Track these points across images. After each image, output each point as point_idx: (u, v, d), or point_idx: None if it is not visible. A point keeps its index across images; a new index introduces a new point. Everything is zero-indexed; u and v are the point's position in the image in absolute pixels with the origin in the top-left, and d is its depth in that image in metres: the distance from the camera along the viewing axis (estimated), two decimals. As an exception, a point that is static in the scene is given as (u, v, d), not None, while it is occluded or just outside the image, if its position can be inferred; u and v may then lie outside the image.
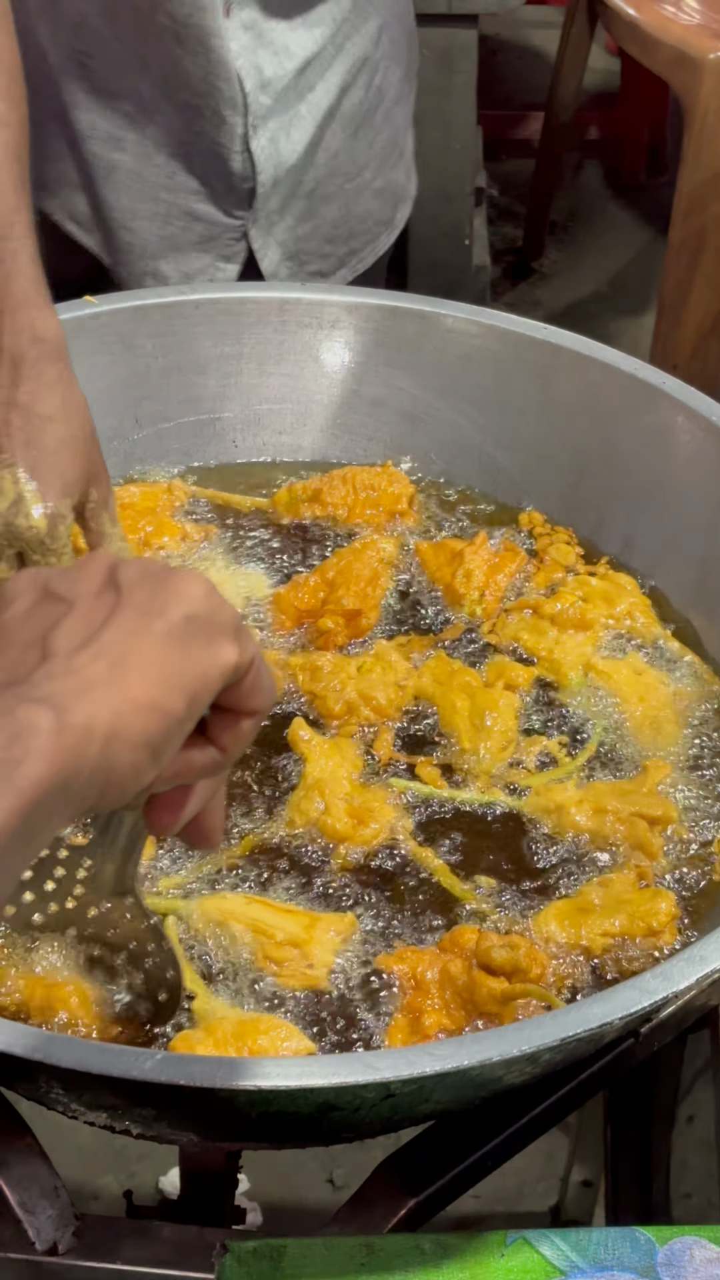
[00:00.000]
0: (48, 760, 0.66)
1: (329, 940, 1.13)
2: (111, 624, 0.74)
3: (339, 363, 1.45)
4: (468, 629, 1.36)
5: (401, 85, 1.98)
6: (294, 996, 1.11)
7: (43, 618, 0.75)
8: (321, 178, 1.89)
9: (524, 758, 1.26)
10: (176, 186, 1.84)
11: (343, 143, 1.89)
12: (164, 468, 1.46)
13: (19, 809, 0.64)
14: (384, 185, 1.98)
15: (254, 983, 1.12)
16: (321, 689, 1.29)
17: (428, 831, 1.22)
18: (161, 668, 0.74)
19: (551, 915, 1.15)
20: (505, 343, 1.41)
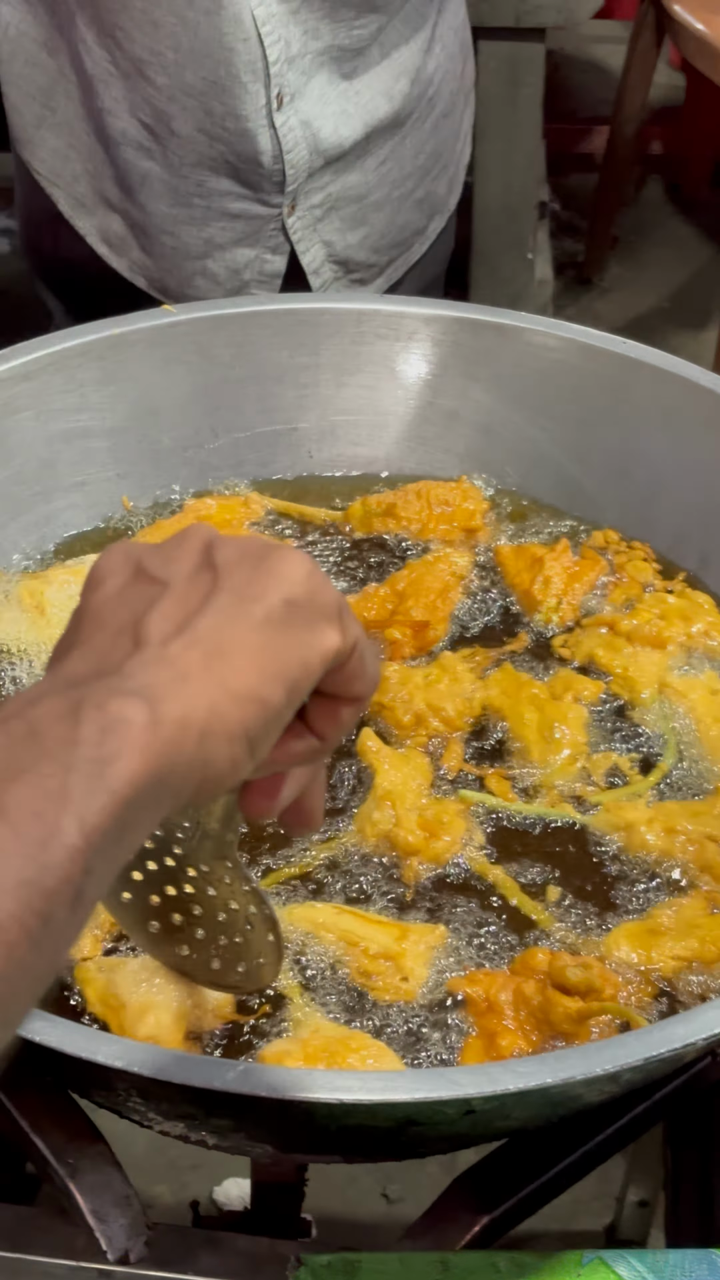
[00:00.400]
0: (142, 756, 0.65)
1: (421, 953, 1.13)
2: (207, 609, 0.73)
3: (415, 374, 1.45)
4: (534, 641, 1.35)
5: (453, 99, 1.99)
6: (377, 1009, 1.11)
7: (136, 600, 0.74)
8: (373, 184, 1.89)
9: (594, 773, 1.26)
10: (208, 192, 1.84)
11: (392, 150, 1.89)
12: (239, 478, 1.46)
13: (113, 807, 0.63)
14: (425, 195, 1.98)
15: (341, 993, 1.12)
16: (389, 700, 1.29)
17: (496, 845, 1.22)
18: (260, 656, 0.72)
19: (622, 936, 1.14)
20: (583, 356, 1.41)
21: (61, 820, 0.61)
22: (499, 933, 1.16)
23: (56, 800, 0.61)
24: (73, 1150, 1.03)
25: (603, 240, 3.32)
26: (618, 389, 1.41)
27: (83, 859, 0.61)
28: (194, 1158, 1.93)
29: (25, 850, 0.60)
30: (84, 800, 0.62)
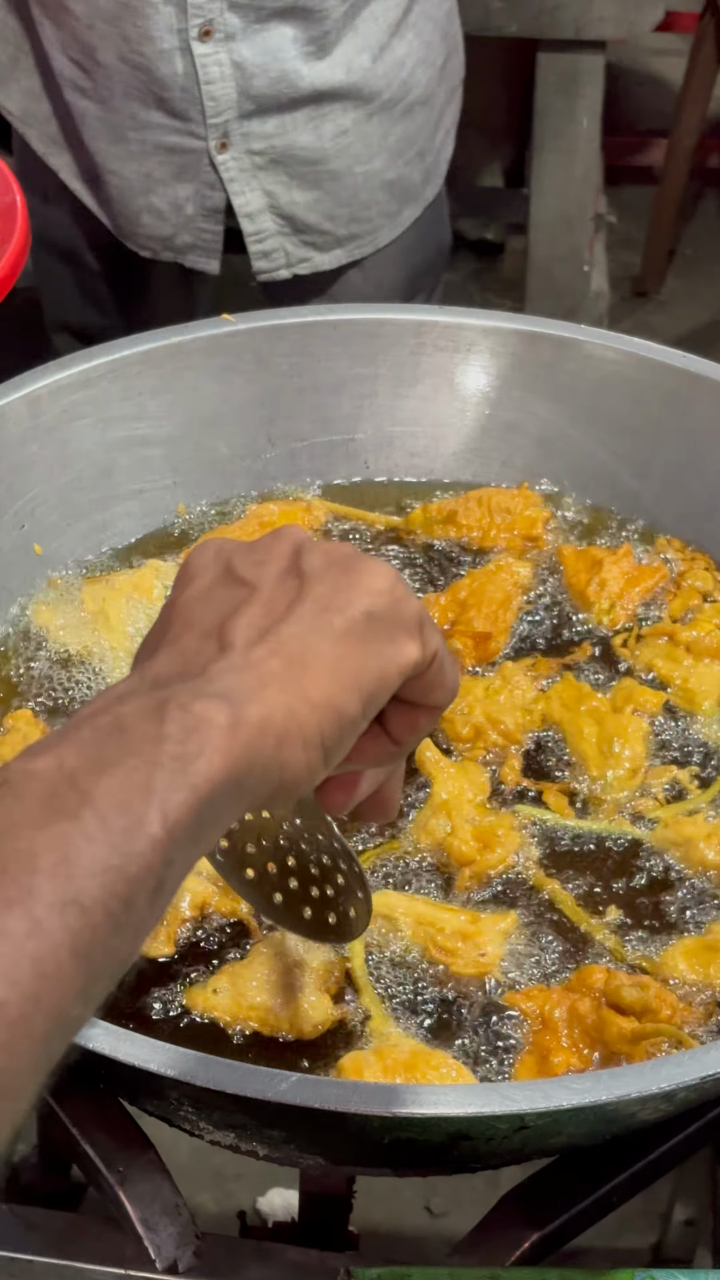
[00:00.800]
0: (223, 756, 0.66)
1: (495, 934, 1.13)
2: (292, 617, 0.74)
3: (474, 386, 1.45)
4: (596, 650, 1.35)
5: (430, 87, 1.99)
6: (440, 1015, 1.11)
7: (224, 602, 0.75)
8: (329, 152, 1.91)
9: (653, 787, 1.25)
10: (141, 125, 1.88)
11: (355, 123, 1.91)
12: (295, 486, 1.46)
13: (193, 804, 0.65)
14: (395, 179, 1.99)
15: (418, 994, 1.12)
16: (449, 711, 1.28)
17: (553, 860, 1.21)
18: (339, 667, 0.73)
19: (680, 953, 1.14)
20: (643, 369, 1.41)
21: (146, 813, 0.63)
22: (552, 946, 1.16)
23: (142, 793, 0.63)
24: (123, 1158, 1.03)
25: (660, 253, 3.31)
26: (676, 402, 1.40)
27: (164, 850, 0.63)
28: (238, 1166, 1.93)
29: (112, 839, 0.62)
30: (167, 794, 0.64)
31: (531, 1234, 1.02)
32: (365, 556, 0.78)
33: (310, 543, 0.79)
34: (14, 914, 0.59)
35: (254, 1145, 1.03)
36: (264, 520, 1.40)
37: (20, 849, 0.60)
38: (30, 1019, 0.58)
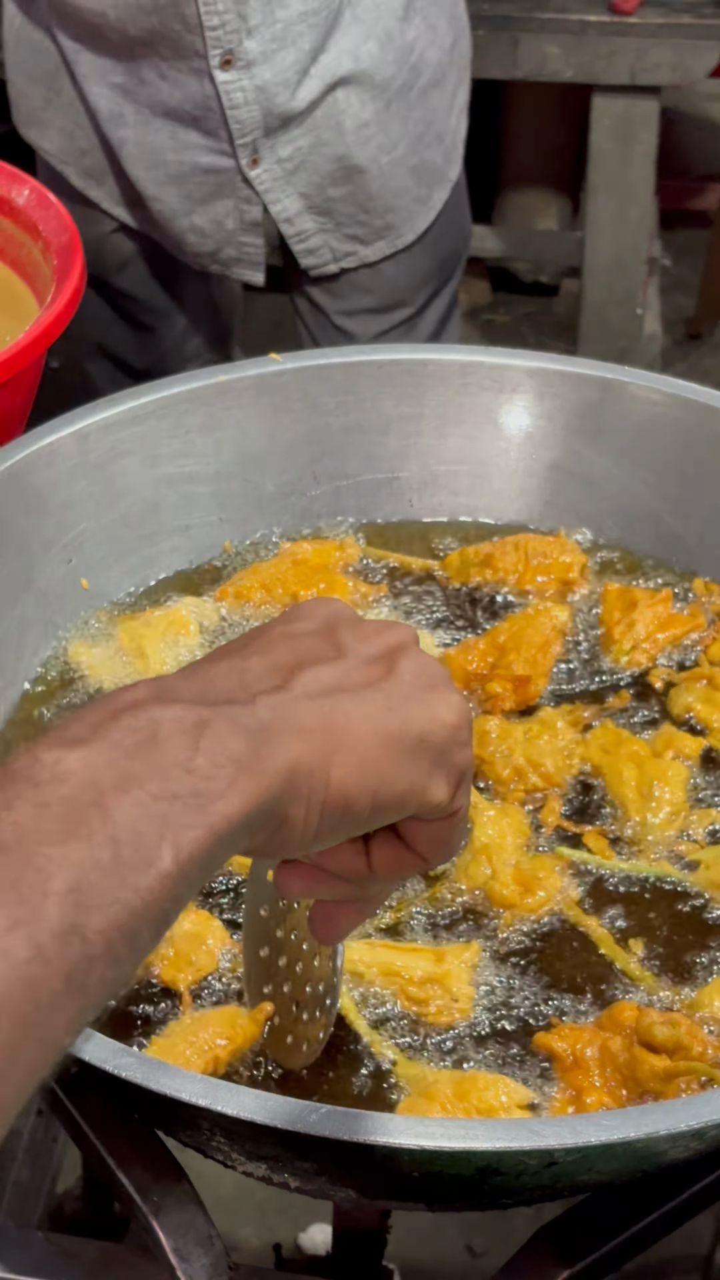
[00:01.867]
0: (242, 800, 0.66)
1: (462, 971, 1.14)
2: (358, 696, 0.74)
3: (518, 426, 1.45)
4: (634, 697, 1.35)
5: (440, 69, 2.01)
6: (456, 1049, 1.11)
7: (309, 651, 0.75)
8: (354, 146, 1.93)
9: (693, 830, 1.25)
10: (179, 145, 1.91)
11: (374, 114, 1.94)
12: (340, 524, 1.47)
13: (207, 842, 0.65)
14: (419, 164, 2.01)
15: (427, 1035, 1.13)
16: (489, 754, 1.29)
17: (593, 902, 1.21)
18: (370, 762, 0.73)
19: (714, 993, 1.14)
20: (688, 411, 1.41)
21: (160, 847, 0.63)
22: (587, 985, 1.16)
23: (159, 825, 0.63)
24: (157, 1189, 1.03)
25: (714, 296, 3.31)
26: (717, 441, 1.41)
27: (173, 886, 0.63)
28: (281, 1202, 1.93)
29: (122, 871, 0.62)
30: (182, 830, 0.63)
31: (562, 1271, 1.01)
32: (453, 688, 0.78)
33: (416, 650, 0.78)
34: (17, 935, 0.58)
35: (286, 1177, 1.03)
36: (297, 558, 1.40)
37: (37, 866, 0.60)
38: (18, 1046, 0.58)
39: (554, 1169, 0.96)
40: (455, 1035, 1.12)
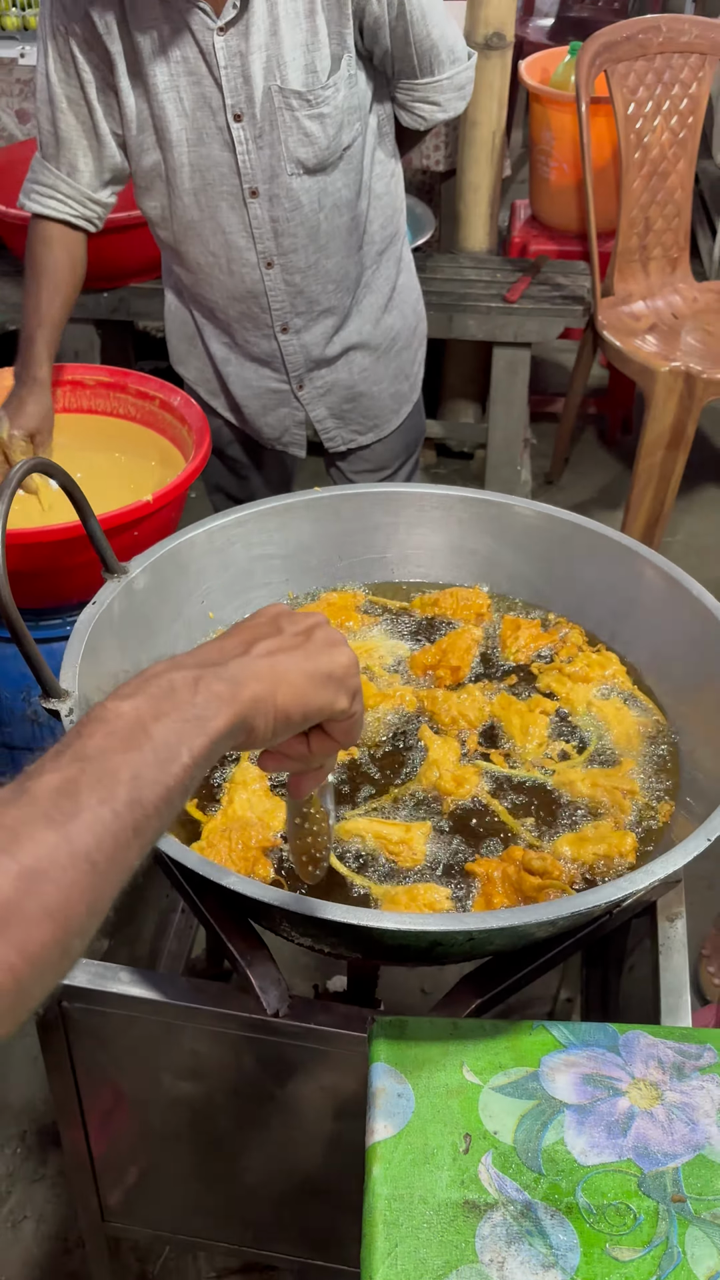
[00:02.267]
0: (226, 718, 0.67)
1: (419, 839, 1.13)
2: (289, 653, 0.74)
3: (452, 528, 1.45)
4: (518, 679, 1.34)
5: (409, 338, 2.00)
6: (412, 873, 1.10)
7: (260, 631, 0.76)
8: (357, 382, 1.92)
9: (551, 753, 1.25)
10: (262, 377, 1.89)
11: (370, 363, 1.92)
12: (352, 582, 1.46)
13: (207, 745, 0.66)
14: (394, 392, 1.99)
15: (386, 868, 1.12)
16: (437, 710, 1.29)
17: (496, 792, 1.21)
18: (298, 690, 0.73)
19: (564, 842, 1.14)
20: (548, 521, 1.40)
21: (181, 750, 0.64)
22: (494, 837, 1.16)
23: (178, 738, 0.64)
24: (249, 952, 1.03)
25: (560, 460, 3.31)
26: (565, 539, 1.40)
27: (188, 772, 0.64)
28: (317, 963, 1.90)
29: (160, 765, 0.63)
30: (193, 740, 0.65)
31: (476, 1000, 1.02)
32: (347, 647, 0.78)
33: (326, 626, 0.79)
34: (105, 808, 0.59)
35: (322, 945, 1.03)
36: (330, 601, 1.40)
37: (109, 767, 0.61)
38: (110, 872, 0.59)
39: (472, 941, 0.96)
40: (416, 871, 1.12)
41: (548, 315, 2.76)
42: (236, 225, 1.71)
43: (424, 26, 1.64)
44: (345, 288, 1.82)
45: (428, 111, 1.75)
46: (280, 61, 1.57)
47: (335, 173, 1.69)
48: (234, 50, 1.57)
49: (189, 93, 1.61)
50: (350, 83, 1.63)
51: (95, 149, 1.71)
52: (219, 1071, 1.11)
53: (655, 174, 2.84)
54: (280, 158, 1.64)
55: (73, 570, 1.62)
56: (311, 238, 1.73)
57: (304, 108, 1.60)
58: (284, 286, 1.76)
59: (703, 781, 1.16)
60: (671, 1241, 0.85)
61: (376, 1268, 0.83)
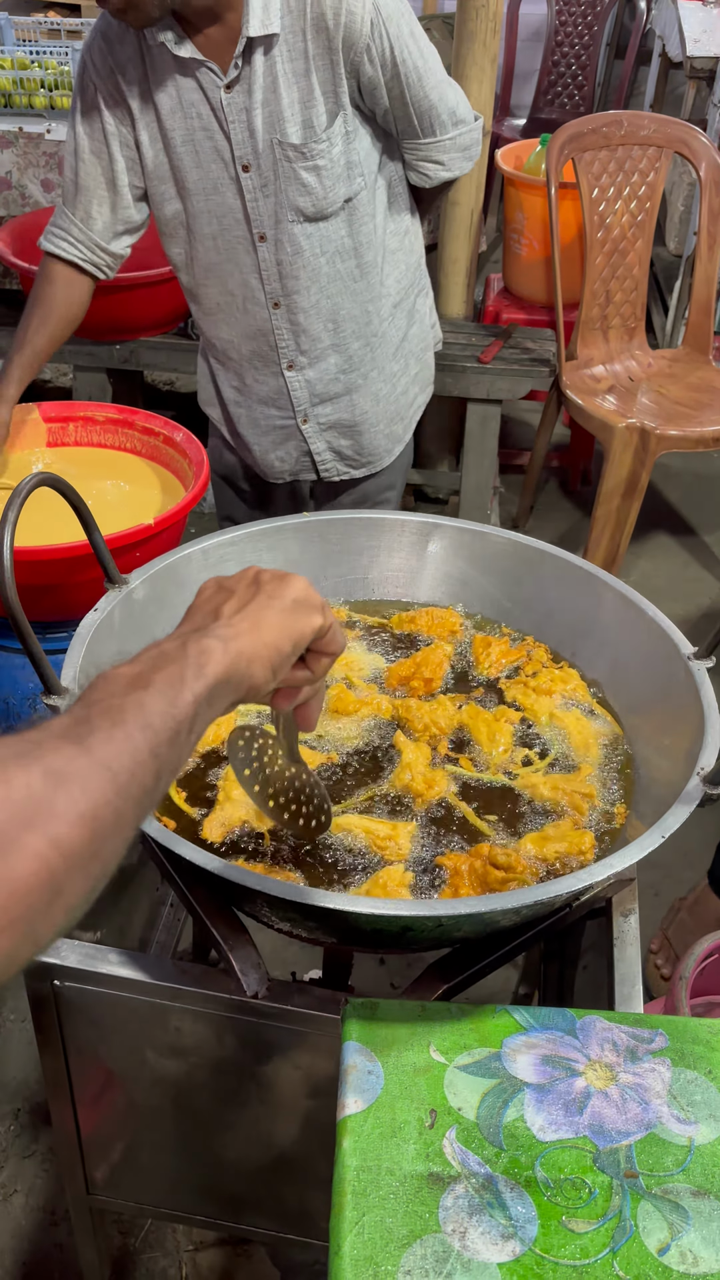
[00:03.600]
0: (219, 665, 0.67)
1: (404, 836, 1.10)
2: (254, 602, 0.74)
3: (430, 553, 1.42)
4: (485, 690, 1.32)
5: (407, 384, 1.96)
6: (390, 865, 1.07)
7: (217, 598, 0.75)
8: (358, 419, 1.90)
9: (516, 759, 1.22)
10: (269, 416, 1.87)
11: (370, 407, 1.90)
12: (337, 599, 1.43)
13: (206, 687, 0.65)
14: (390, 432, 1.96)
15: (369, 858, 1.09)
16: (411, 718, 1.25)
17: (463, 794, 1.18)
18: (280, 626, 0.73)
19: (528, 840, 1.10)
20: (516, 547, 1.38)
21: (183, 688, 0.64)
22: (461, 837, 1.12)
23: (180, 680, 0.64)
24: (232, 938, 0.99)
25: (526, 508, 3.30)
26: (532, 564, 1.37)
27: (193, 709, 0.64)
28: (295, 955, 1.86)
29: (166, 700, 0.63)
30: (193, 682, 0.65)
31: (442, 985, 0.98)
32: (292, 574, 0.78)
33: (263, 570, 0.78)
34: (118, 729, 0.59)
35: (299, 930, 0.99)
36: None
37: (115, 705, 0.60)
38: (129, 786, 0.57)
39: (441, 927, 0.93)
40: (402, 863, 1.08)
41: (517, 375, 2.76)
42: (250, 266, 1.71)
43: (420, 89, 1.62)
44: (350, 331, 1.79)
45: (432, 170, 1.74)
46: (280, 116, 1.57)
47: (336, 221, 1.68)
48: (239, 106, 1.57)
49: (204, 145, 1.61)
50: (348, 139, 1.62)
51: (111, 200, 1.70)
52: (201, 1051, 1.07)
53: (616, 252, 2.86)
54: (283, 205, 1.64)
55: (78, 586, 1.58)
56: (313, 280, 1.71)
57: (300, 160, 1.60)
58: (288, 325, 1.76)
59: (655, 787, 1.13)
60: (625, 1215, 0.81)
61: (345, 1235, 0.79)
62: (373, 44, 1.54)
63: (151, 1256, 1.58)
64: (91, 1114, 1.19)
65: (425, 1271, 0.77)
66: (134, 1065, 1.11)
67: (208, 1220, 1.25)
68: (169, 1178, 1.22)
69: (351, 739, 1.22)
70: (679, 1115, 0.88)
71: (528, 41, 5.04)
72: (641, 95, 5.31)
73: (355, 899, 0.89)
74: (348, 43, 1.53)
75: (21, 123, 2.93)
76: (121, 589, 1.20)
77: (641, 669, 1.24)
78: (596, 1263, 0.78)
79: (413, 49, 1.59)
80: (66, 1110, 1.18)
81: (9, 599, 0.96)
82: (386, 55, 1.56)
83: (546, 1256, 0.78)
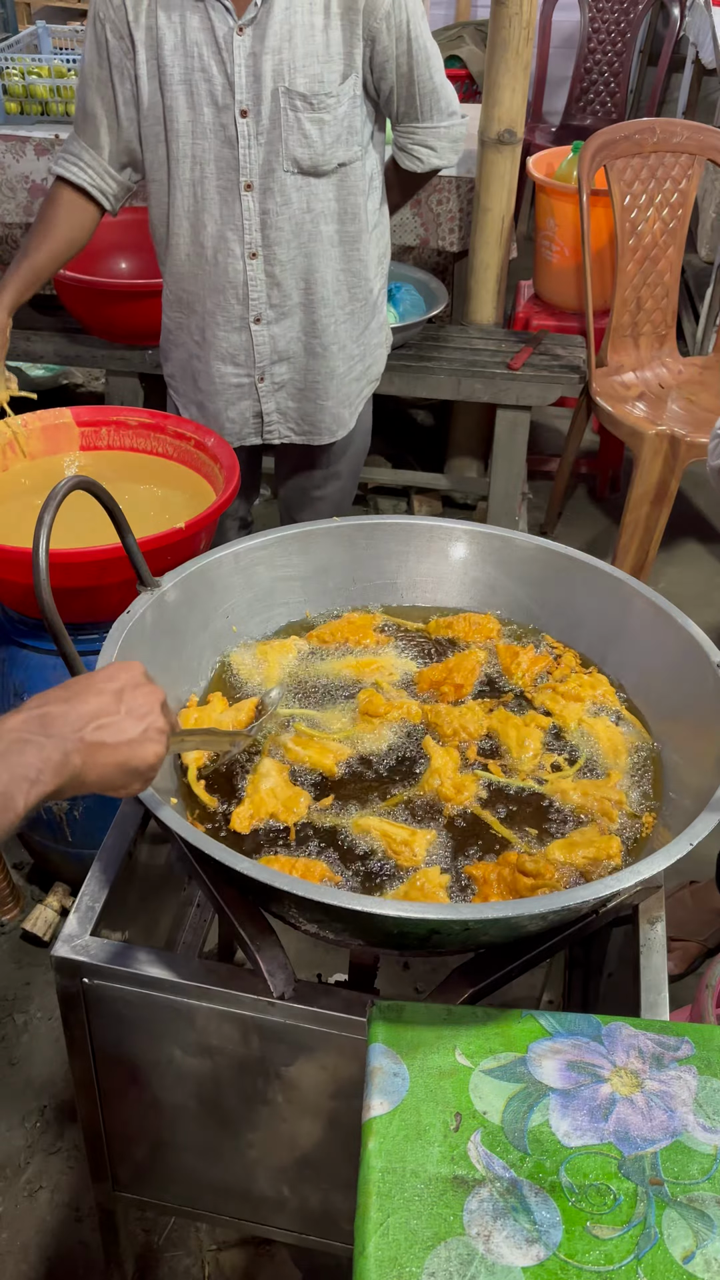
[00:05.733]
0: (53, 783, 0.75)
1: (421, 844, 1.10)
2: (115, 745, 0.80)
3: (459, 558, 1.43)
4: (515, 697, 1.31)
5: (360, 370, 1.94)
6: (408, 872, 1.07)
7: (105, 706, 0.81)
8: (306, 385, 1.88)
9: (545, 765, 1.22)
10: (224, 375, 1.87)
11: (323, 378, 1.88)
12: (366, 605, 1.43)
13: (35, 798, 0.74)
14: (335, 413, 1.94)
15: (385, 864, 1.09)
16: (440, 722, 1.25)
17: (493, 799, 1.17)
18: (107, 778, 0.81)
19: (556, 847, 1.10)
20: (545, 554, 1.38)
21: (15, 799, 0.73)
22: (484, 843, 1.12)
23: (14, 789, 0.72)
24: (259, 937, 1.00)
25: (554, 513, 3.29)
26: (561, 571, 1.37)
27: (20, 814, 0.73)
28: (321, 958, 1.86)
29: None
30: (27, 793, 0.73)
31: (468, 989, 0.98)
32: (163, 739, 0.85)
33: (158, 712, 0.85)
34: None
35: (327, 933, 1.00)
36: (352, 620, 1.36)
37: None
38: None
39: (468, 931, 0.93)
40: (415, 869, 1.08)
41: (546, 382, 2.75)
42: (228, 217, 1.71)
43: (427, 69, 1.67)
44: (320, 296, 1.80)
45: (425, 155, 1.78)
46: (291, 67, 1.58)
47: (327, 182, 1.69)
48: (249, 50, 1.58)
49: (200, 87, 1.62)
50: (353, 102, 1.64)
51: (115, 130, 1.71)
52: (226, 1051, 1.07)
53: (647, 259, 2.85)
54: (278, 154, 1.65)
55: (111, 589, 1.60)
56: (295, 234, 1.72)
57: (307, 110, 1.61)
58: (264, 277, 1.76)
59: (683, 794, 1.13)
60: (649, 1222, 0.81)
61: (369, 1236, 0.79)
62: (393, 14, 1.59)
63: (175, 1255, 1.59)
64: (117, 1111, 1.19)
65: (449, 1274, 0.77)
66: (160, 1063, 1.12)
67: (231, 1220, 1.25)
68: (193, 1176, 1.23)
69: (381, 741, 1.23)
70: (705, 1124, 0.88)
71: (560, 48, 5.03)
72: (674, 102, 5.29)
73: (383, 902, 0.90)
74: (370, 7, 1.57)
75: (58, 130, 2.95)
76: (154, 591, 1.21)
77: (670, 676, 1.24)
78: (621, 1269, 0.78)
79: (425, 30, 1.65)
80: (93, 1107, 1.19)
81: (44, 600, 0.98)
82: (404, 29, 1.61)
83: (571, 1262, 0.78)
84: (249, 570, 1.34)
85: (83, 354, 2.80)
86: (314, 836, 1.09)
